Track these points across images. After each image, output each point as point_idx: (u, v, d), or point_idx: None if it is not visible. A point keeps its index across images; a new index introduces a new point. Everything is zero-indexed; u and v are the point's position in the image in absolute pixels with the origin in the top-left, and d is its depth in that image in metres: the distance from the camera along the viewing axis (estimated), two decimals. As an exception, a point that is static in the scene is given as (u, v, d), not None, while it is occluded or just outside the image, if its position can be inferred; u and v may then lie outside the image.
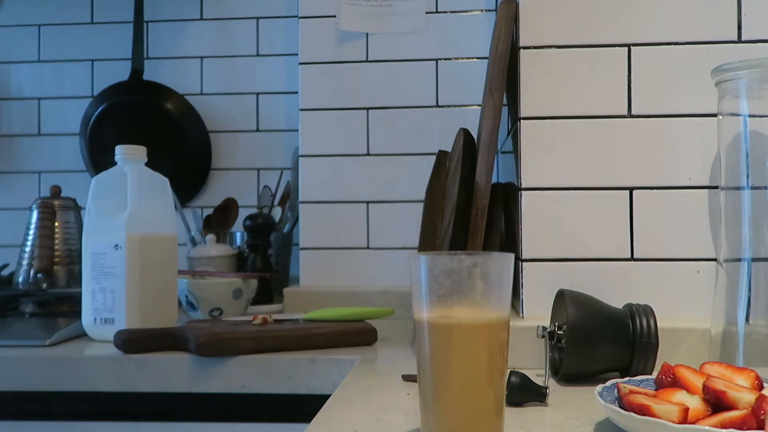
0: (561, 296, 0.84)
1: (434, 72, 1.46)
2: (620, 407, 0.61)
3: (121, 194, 1.11)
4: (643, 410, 0.58)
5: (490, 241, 0.99)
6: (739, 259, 0.83)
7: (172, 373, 0.97)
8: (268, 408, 0.98)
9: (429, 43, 1.46)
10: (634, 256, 0.93)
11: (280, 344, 1.01)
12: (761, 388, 0.63)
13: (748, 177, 0.83)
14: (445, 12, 1.47)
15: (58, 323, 1.17)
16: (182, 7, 1.73)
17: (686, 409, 0.58)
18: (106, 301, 1.09)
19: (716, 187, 0.90)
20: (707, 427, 0.55)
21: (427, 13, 1.46)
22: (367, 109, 1.46)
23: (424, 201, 1.24)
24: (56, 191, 1.47)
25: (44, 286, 1.40)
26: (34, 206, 1.44)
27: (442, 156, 1.21)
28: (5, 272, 1.58)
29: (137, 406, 1.00)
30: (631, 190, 0.93)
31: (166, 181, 1.18)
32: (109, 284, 1.09)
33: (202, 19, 1.73)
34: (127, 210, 1.10)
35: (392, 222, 1.45)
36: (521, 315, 0.94)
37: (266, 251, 1.49)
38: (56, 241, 1.43)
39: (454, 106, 1.46)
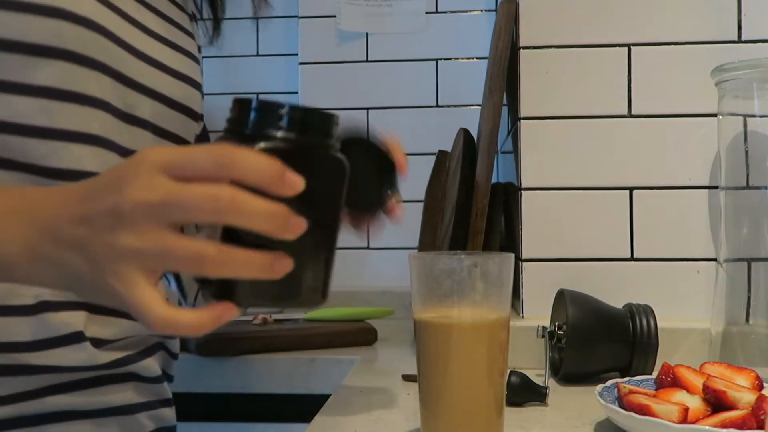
0: (561, 296, 0.84)
1: (434, 72, 1.46)
2: (620, 407, 0.61)
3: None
4: (643, 410, 0.58)
5: (490, 241, 0.99)
6: (739, 259, 0.83)
7: (172, 373, 0.97)
8: (268, 408, 0.98)
9: (429, 43, 1.46)
10: (634, 256, 0.93)
11: (280, 344, 1.02)
12: (761, 388, 0.63)
13: (748, 177, 0.83)
14: (445, 12, 1.46)
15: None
16: (182, 7, 1.73)
17: (686, 409, 0.58)
18: (106, 301, 1.09)
19: (716, 187, 0.90)
20: (707, 427, 0.55)
21: (427, 13, 1.46)
22: (367, 109, 1.46)
23: (424, 201, 1.24)
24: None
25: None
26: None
27: (442, 156, 1.21)
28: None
29: (137, 406, 1.00)
30: (631, 190, 0.93)
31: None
32: (109, 284, 1.09)
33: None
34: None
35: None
36: (521, 315, 0.94)
37: (266, 251, 1.49)
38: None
39: (454, 106, 1.46)
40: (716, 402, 0.59)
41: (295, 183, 0.40)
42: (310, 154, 0.44)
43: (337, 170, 0.45)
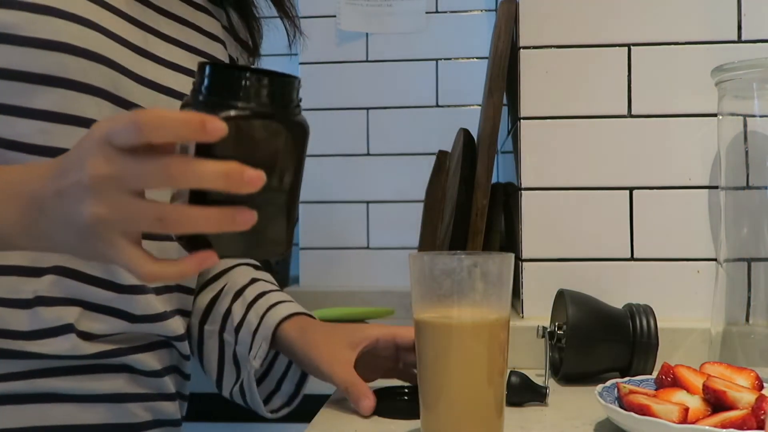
0: (561, 296, 0.84)
1: (434, 72, 1.46)
2: (620, 407, 0.61)
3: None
4: (643, 410, 0.58)
5: (490, 241, 0.99)
6: (739, 259, 0.83)
7: (172, 373, 0.97)
8: (268, 408, 0.98)
9: (429, 43, 1.46)
10: (634, 256, 0.93)
11: (280, 344, 1.01)
12: (761, 388, 0.63)
13: (748, 177, 0.83)
14: (445, 12, 1.47)
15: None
16: (182, 7, 1.73)
17: (686, 409, 0.58)
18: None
19: (716, 187, 0.90)
20: (707, 427, 0.55)
21: (427, 13, 1.46)
22: (367, 109, 1.46)
23: (424, 201, 1.24)
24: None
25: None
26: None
27: (442, 156, 1.21)
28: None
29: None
30: (631, 190, 0.93)
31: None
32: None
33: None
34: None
35: (392, 222, 1.45)
36: (521, 315, 0.94)
37: (266, 251, 1.49)
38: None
39: (454, 106, 1.46)
40: (716, 402, 0.59)
41: (218, 128, 0.41)
42: (266, 121, 0.45)
43: (298, 133, 0.47)
